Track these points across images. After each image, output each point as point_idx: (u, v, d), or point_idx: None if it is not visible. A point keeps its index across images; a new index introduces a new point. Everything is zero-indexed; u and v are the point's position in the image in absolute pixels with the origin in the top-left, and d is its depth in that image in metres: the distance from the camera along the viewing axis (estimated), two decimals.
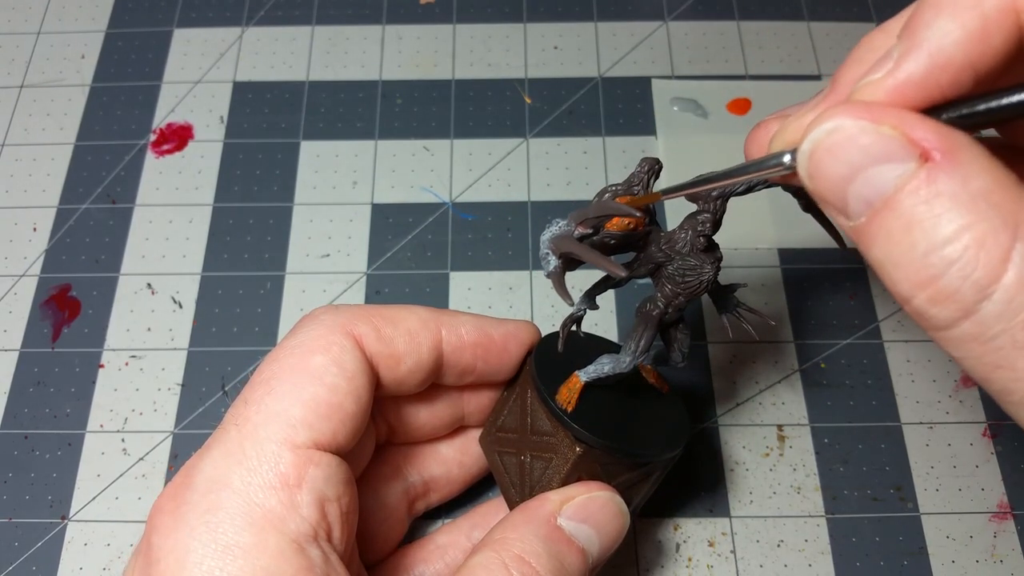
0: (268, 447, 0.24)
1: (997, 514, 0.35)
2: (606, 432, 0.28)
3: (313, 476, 0.24)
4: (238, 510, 0.23)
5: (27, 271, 0.41)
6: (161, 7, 0.48)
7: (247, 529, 0.22)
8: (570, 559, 0.26)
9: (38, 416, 0.38)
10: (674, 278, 0.27)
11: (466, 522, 0.32)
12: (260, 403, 0.25)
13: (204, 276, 0.41)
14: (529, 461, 0.29)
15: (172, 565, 0.22)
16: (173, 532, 0.23)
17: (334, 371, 0.25)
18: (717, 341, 0.39)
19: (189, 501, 0.23)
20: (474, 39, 0.47)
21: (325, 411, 0.25)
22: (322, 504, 0.24)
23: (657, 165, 0.27)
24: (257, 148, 0.44)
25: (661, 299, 0.28)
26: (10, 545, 0.35)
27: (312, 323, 0.27)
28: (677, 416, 0.31)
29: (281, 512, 0.23)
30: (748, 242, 0.41)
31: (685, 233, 0.27)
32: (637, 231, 0.26)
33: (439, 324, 0.28)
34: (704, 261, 0.27)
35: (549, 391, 0.28)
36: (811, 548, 0.35)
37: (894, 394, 0.38)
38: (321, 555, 0.23)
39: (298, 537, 0.23)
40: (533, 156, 0.44)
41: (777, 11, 0.48)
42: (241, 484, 0.23)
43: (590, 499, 0.27)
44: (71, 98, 0.46)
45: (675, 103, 0.45)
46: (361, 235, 0.42)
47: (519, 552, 0.25)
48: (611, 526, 0.28)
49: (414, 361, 0.28)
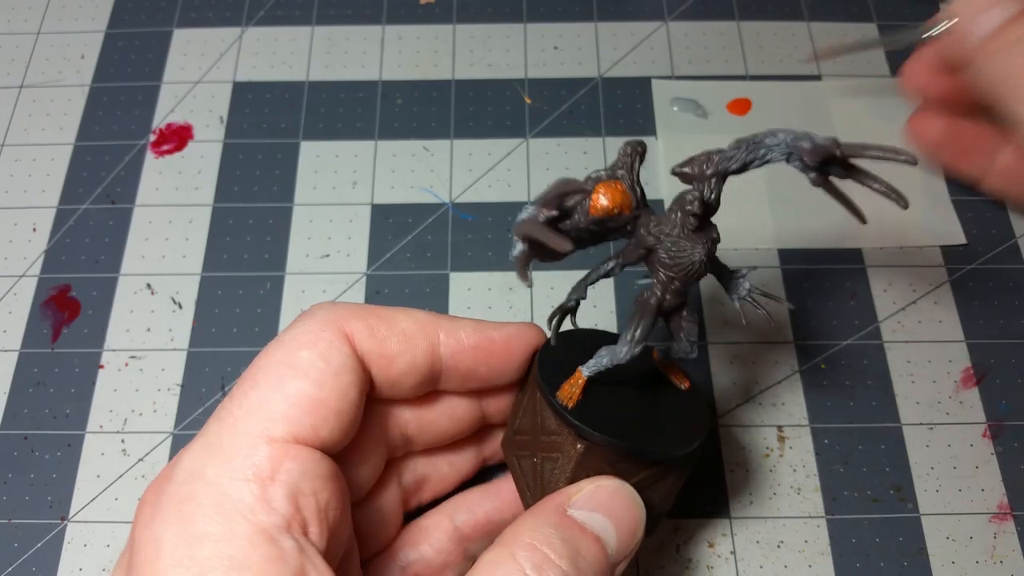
0: (245, 440, 0.24)
1: (997, 515, 0.35)
2: (612, 428, 0.27)
3: (288, 469, 0.24)
4: (209, 500, 0.23)
5: (27, 271, 0.41)
6: (161, 7, 0.48)
7: (216, 518, 0.23)
8: (585, 546, 0.25)
9: (38, 417, 0.38)
10: (665, 262, 0.27)
11: (449, 505, 0.32)
12: (243, 397, 0.25)
13: (204, 276, 0.41)
14: (540, 462, 0.28)
15: (149, 555, 0.23)
16: (151, 523, 0.23)
17: (320, 366, 0.25)
18: (717, 341, 0.39)
19: (167, 492, 0.24)
20: (474, 39, 0.47)
21: (307, 406, 0.25)
22: (296, 498, 0.24)
23: (640, 147, 0.26)
24: (257, 148, 0.44)
25: (657, 286, 0.27)
26: (9, 546, 0.35)
27: (305, 319, 0.27)
28: (695, 413, 0.30)
29: (251, 503, 0.23)
30: (748, 242, 0.41)
31: (674, 214, 0.26)
32: (623, 215, 0.26)
33: (436, 327, 0.28)
34: (695, 242, 0.26)
35: (552, 388, 0.28)
36: (811, 549, 0.35)
37: (894, 395, 0.38)
38: (295, 546, 0.23)
39: (268, 527, 0.23)
40: (533, 156, 0.44)
41: (777, 11, 0.48)
42: (215, 475, 0.23)
43: (598, 487, 0.27)
44: (71, 98, 0.46)
45: (675, 103, 0.45)
46: (361, 235, 0.42)
47: (529, 540, 0.25)
48: (625, 515, 0.27)
49: (407, 362, 0.27)
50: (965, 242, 0.41)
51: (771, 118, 0.44)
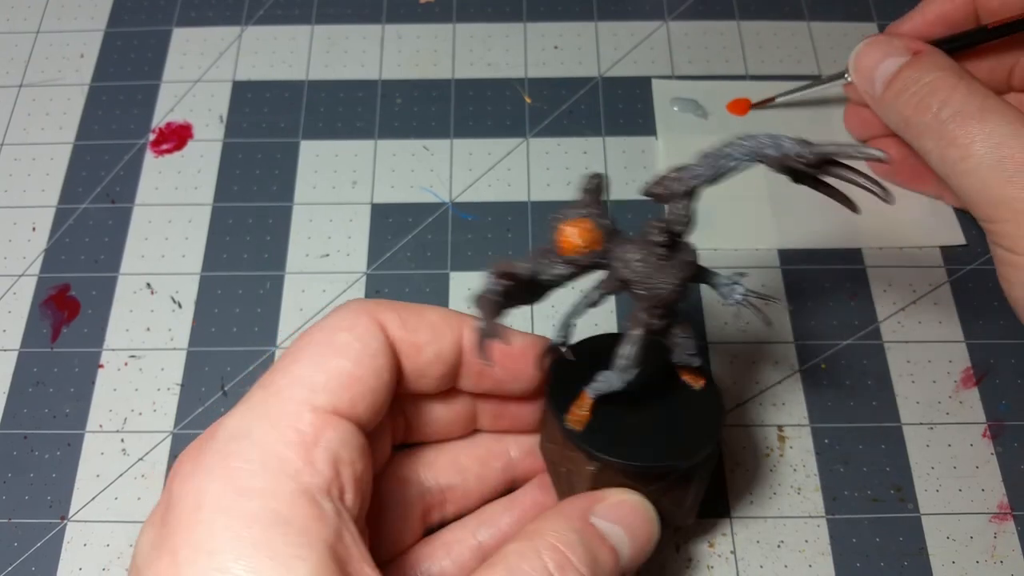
0: (289, 406, 0.25)
1: (997, 515, 0.35)
2: (622, 446, 0.28)
3: (329, 438, 0.25)
4: (256, 457, 0.24)
5: (26, 271, 0.41)
6: (160, 6, 0.48)
7: (262, 474, 0.23)
8: (603, 556, 0.27)
9: (37, 416, 0.38)
10: (641, 294, 0.26)
11: (473, 520, 0.32)
12: (286, 370, 0.26)
13: (203, 276, 0.41)
14: (567, 473, 0.30)
15: (189, 505, 0.23)
16: (192, 477, 0.24)
17: (357, 347, 0.27)
18: (717, 341, 0.39)
19: (210, 450, 0.24)
20: (474, 39, 0.47)
21: (346, 381, 0.26)
22: (336, 464, 0.25)
23: (597, 179, 0.26)
24: (257, 148, 0.44)
25: (641, 312, 0.27)
26: (9, 545, 0.35)
27: (341, 309, 0.28)
28: (708, 416, 0.30)
29: (297, 464, 0.24)
30: (748, 242, 0.41)
31: (644, 248, 0.26)
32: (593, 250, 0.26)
33: (461, 323, 0.29)
34: (667, 271, 0.26)
35: (561, 409, 0.29)
36: (811, 549, 0.35)
37: (894, 395, 0.38)
38: (334, 508, 0.24)
39: (311, 488, 0.24)
40: (533, 156, 0.44)
41: (777, 11, 0.48)
42: (261, 435, 0.24)
43: (622, 501, 0.29)
44: (70, 97, 0.46)
45: (675, 103, 0.45)
46: (361, 235, 0.42)
47: (554, 541, 0.26)
48: (641, 531, 0.28)
49: (435, 351, 0.28)
50: (965, 242, 0.41)
51: (771, 118, 0.44)
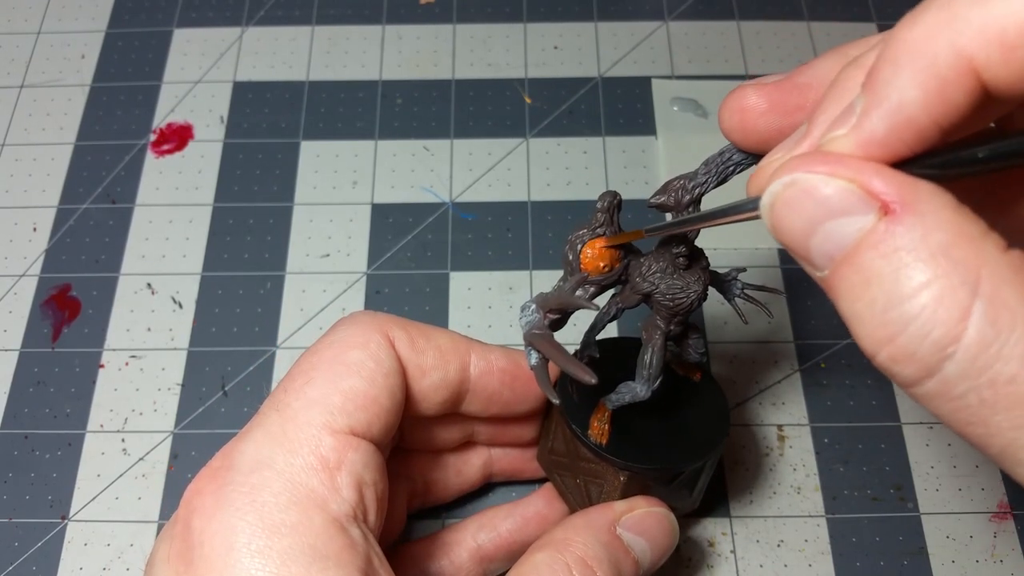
0: (308, 431, 0.24)
1: (997, 514, 0.35)
2: (646, 451, 0.29)
3: (352, 460, 0.24)
4: (283, 489, 0.23)
5: (27, 271, 0.41)
6: (161, 7, 0.48)
7: (292, 508, 0.23)
8: (626, 568, 0.27)
9: (38, 416, 0.38)
10: (665, 303, 0.27)
11: (472, 523, 0.33)
12: (300, 391, 0.25)
13: (204, 276, 0.41)
14: (584, 484, 0.30)
15: (218, 546, 0.22)
16: (217, 513, 0.23)
17: (371, 366, 0.26)
18: (717, 341, 0.39)
19: (232, 482, 0.23)
20: (474, 39, 0.47)
21: (362, 401, 0.25)
22: (360, 487, 0.24)
23: (615, 198, 0.26)
24: (257, 148, 0.44)
25: (660, 321, 0.28)
26: (10, 545, 0.35)
27: (349, 323, 0.27)
28: (715, 407, 0.31)
29: (323, 492, 0.23)
30: (748, 242, 0.41)
31: (663, 258, 0.27)
32: (615, 268, 0.27)
33: (469, 348, 0.29)
34: (689, 279, 0.27)
35: (582, 426, 0.29)
36: (811, 548, 0.35)
37: (894, 394, 0.38)
38: (361, 534, 0.24)
39: (339, 516, 0.23)
40: (533, 156, 0.44)
41: (777, 11, 0.48)
42: (284, 465, 0.24)
43: (648, 513, 0.29)
44: (71, 98, 0.46)
45: (675, 103, 0.45)
46: (361, 235, 0.42)
47: (582, 555, 0.26)
48: (662, 542, 0.29)
49: (440, 376, 0.28)
50: None
51: None
